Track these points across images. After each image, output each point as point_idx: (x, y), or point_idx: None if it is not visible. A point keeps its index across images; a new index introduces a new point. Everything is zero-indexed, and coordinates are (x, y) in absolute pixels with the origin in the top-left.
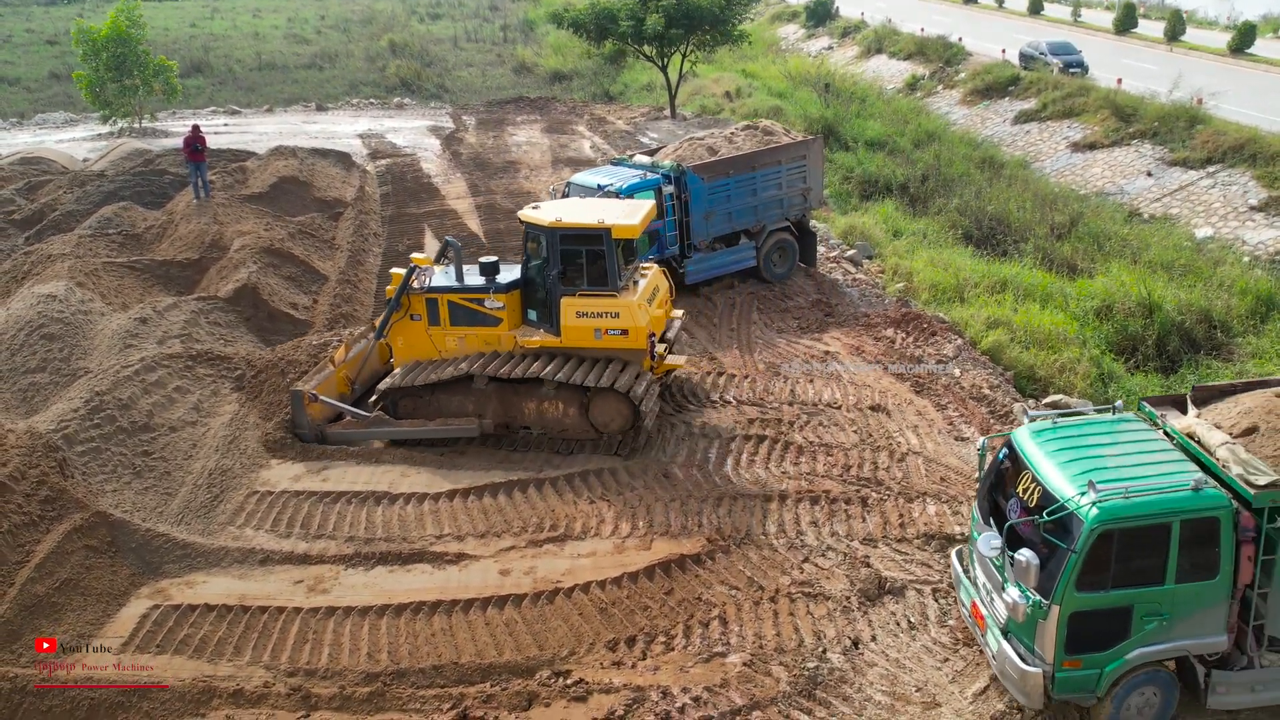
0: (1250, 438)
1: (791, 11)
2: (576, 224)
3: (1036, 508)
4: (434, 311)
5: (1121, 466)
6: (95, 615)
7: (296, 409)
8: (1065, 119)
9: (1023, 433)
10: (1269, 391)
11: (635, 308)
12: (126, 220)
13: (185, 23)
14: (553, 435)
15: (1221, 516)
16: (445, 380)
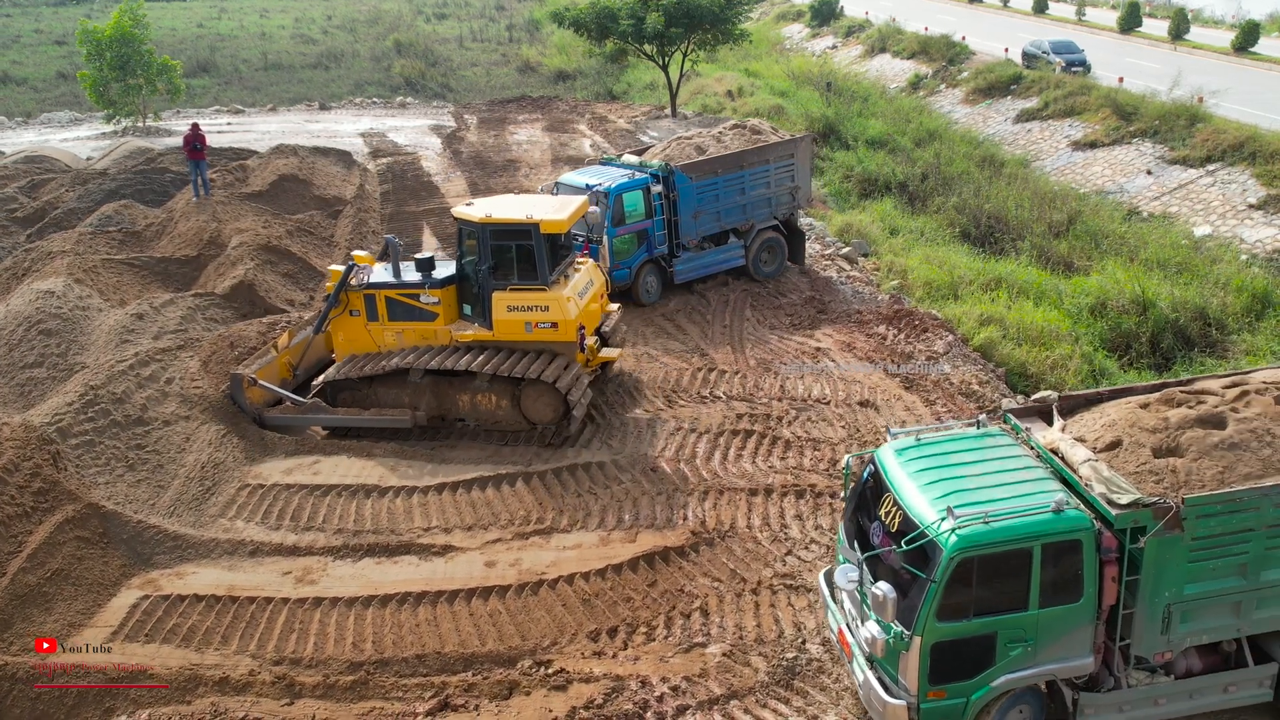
0: (1114, 452)
1: (796, 10)
2: (505, 219)
3: (898, 533)
4: (372, 307)
5: (983, 487)
6: (85, 605)
7: (236, 391)
8: (1066, 117)
9: (885, 451)
10: (1133, 402)
11: (564, 301)
12: (127, 218)
13: (193, 23)
14: (487, 427)
15: (1083, 538)
16: (382, 373)
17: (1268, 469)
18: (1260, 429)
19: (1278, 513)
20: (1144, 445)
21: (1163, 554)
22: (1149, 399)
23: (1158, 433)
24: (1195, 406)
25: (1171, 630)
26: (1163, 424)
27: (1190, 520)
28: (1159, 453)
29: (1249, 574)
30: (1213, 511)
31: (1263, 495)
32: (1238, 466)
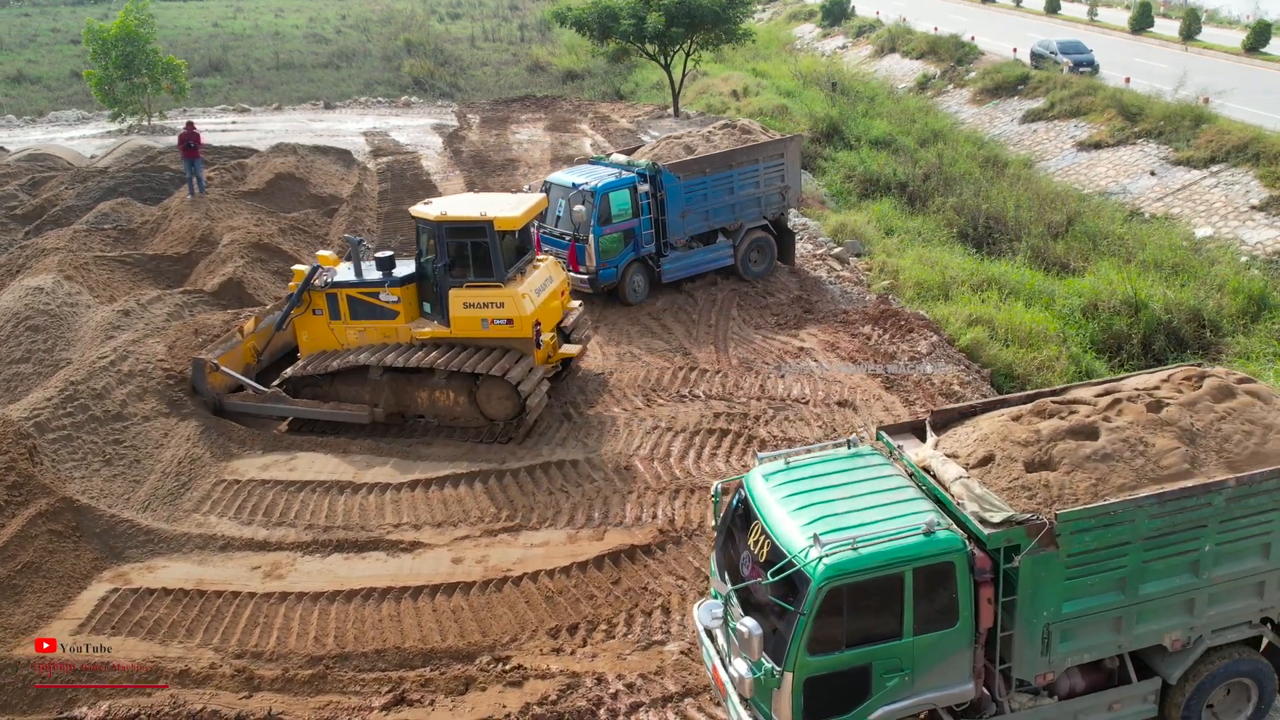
0: (986, 467)
1: (808, 10)
2: (460, 217)
3: (767, 562)
4: (334, 306)
5: (853, 511)
6: (55, 597)
7: (197, 376)
8: (1072, 118)
9: (754, 475)
10: (1005, 414)
11: (519, 298)
12: (124, 215)
13: (209, 22)
14: (446, 423)
15: (956, 561)
16: (343, 369)
17: (1141, 479)
18: (1132, 438)
19: (1153, 524)
20: (1016, 459)
21: (1038, 572)
22: (1021, 410)
23: (1030, 446)
24: (1067, 417)
25: (1052, 650)
26: (1034, 436)
27: (1064, 536)
28: (1031, 466)
29: (1128, 588)
30: (1087, 526)
31: (1137, 507)
32: (1111, 478)
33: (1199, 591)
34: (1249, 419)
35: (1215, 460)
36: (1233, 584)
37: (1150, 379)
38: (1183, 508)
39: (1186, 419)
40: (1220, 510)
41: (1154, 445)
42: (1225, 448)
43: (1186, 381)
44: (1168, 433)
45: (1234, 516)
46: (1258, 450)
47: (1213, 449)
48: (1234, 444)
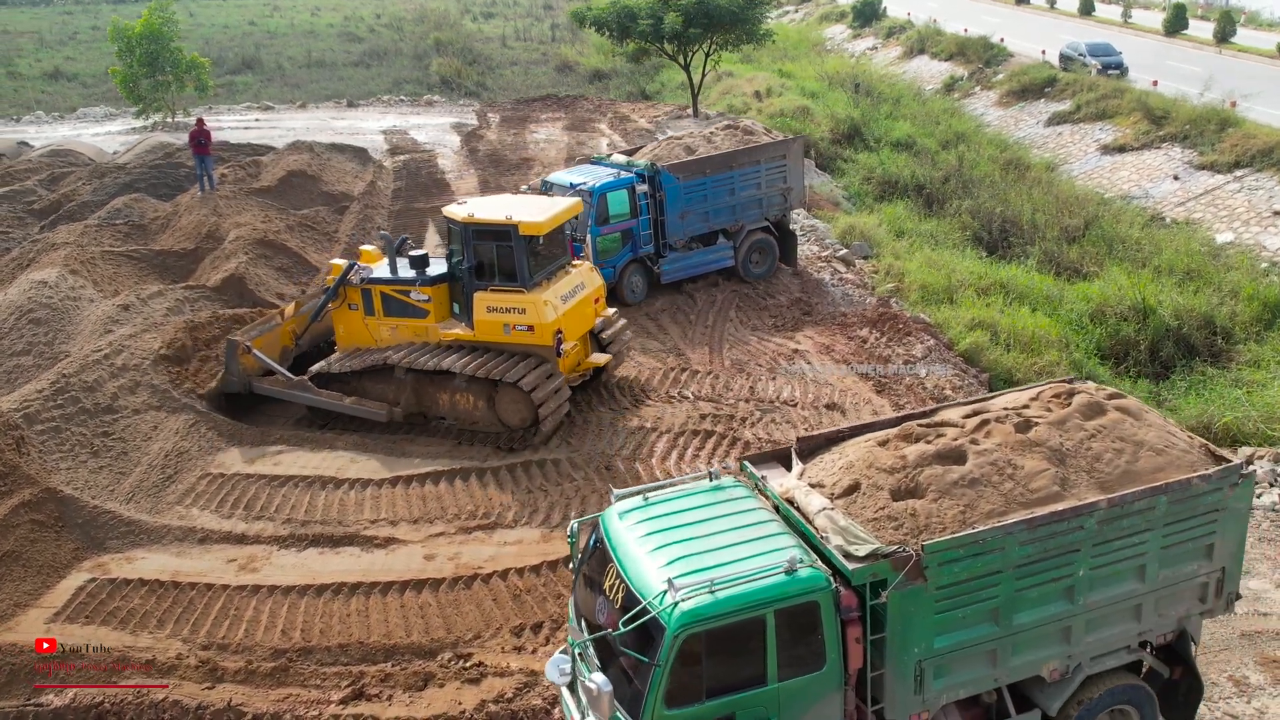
0: (852, 497)
1: (840, 11)
2: (486, 220)
3: (622, 608)
4: (369, 302)
5: (712, 550)
6: (34, 586)
7: (230, 357)
8: (1097, 121)
9: (610, 514)
10: (872, 439)
11: (542, 304)
12: (136, 211)
13: (245, 20)
14: (465, 427)
15: (820, 600)
16: (369, 367)
17: (1010, 504)
18: (1001, 461)
19: (1024, 551)
20: (882, 488)
21: (907, 607)
22: (888, 435)
23: (896, 473)
24: (934, 441)
25: (925, 688)
26: (901, 463)
27: (932, 568)
28: (898, 495)
29: (1001, 619)
30: (955, 556)
31: (1006, 534)
32: (979, 504)
33: (1075, 618)
34: (1119, 436)
35: (1086, 481)
36: (1109, 609)
37: (1020, 397)
38: (1054, 533)
39: (1056, 438)
40: (1093, 533)
41: (1023, 467)
42: (1096, 467)
43: (1056, 399)
44: (1037, 454)
45: (1107, 539)
46: (1129, 468)
47: (1083, 469)
48: (1105, 463)
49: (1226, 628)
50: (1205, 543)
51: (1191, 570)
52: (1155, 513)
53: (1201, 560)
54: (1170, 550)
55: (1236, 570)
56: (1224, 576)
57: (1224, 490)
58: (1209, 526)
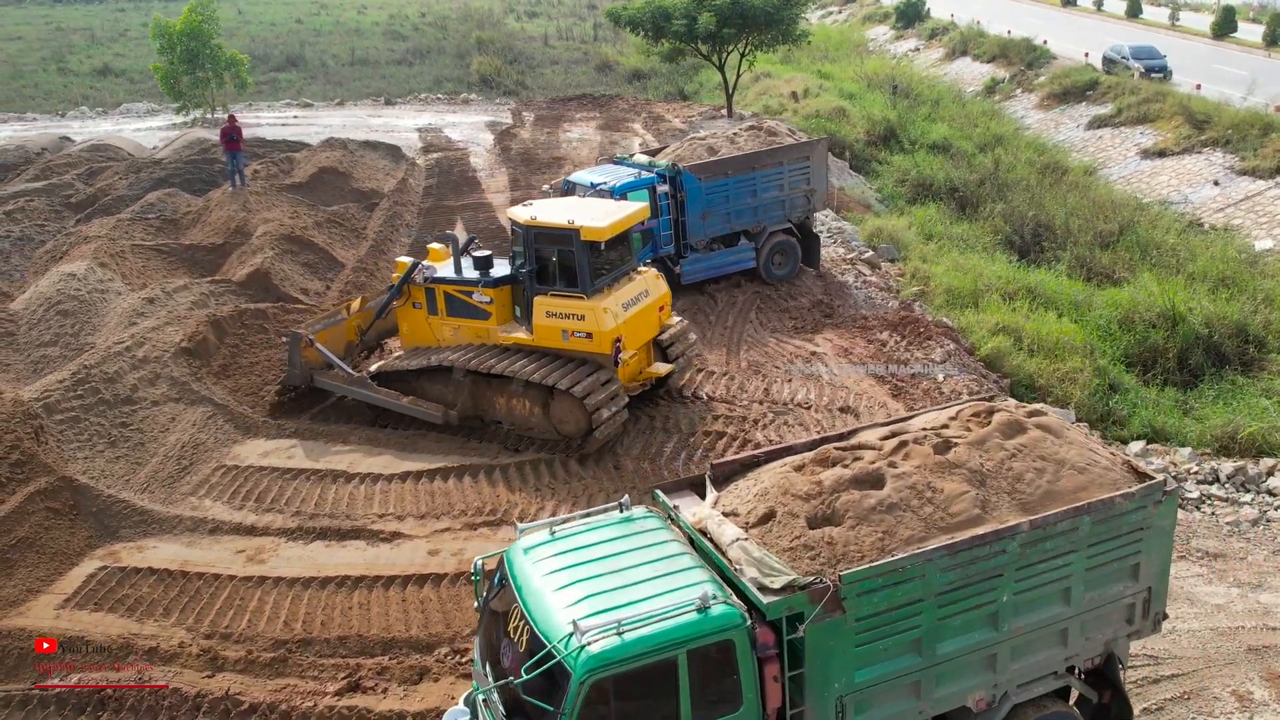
0: (767, 526)
1: (883, 12)
2: (548, 223)
3: (526, 653)
4: (432, 301)
5: (621, 588)
6: (46, 573)
7: (292, 349)
8: (1138, 125)
9: (515, 549)
10: (788, 464)
11: (601, 312)
12: (169, 206)
13: (292, 18)
14: (522, 433)
15: (735, 638)
16: (428, 367)
17: (930, 529)
18: (920, 484)
19: (946, 578)
20: (798, 515)
21: (826, 641)
22: (804, 459)
23: (812, 499)
24: (851, 464)
25: None
26: (817, 488)
27: (851, 599)
28: (814, 522)
29: (924, 649)
30: (874, 586)
31: (926, 561)
32: (898, 530)
33: (1000, 645)
34: (1040, 455)
35: (1007, 503)
36: (1035, 634)
37: (939, 416)
38: (976, 558)
39: (976, 459)
40: (1016, 557)
41: (943, 490)
42: (1017, 488)
43: (975, 418)
44: (956, 476)
45: (1031, 562)
46: (1050, 488)
47: (1004, 490)
48: (1026, 483)
49: (1233, 641)
50: (1131, 563)
51: (1118, 591)
52: (1079, 534)
53: (1127, 581)
54: (1095, 571)
55: (1163, 589)
56: (1150, 596)
57: (1148, 508)
58: (1134, 546)
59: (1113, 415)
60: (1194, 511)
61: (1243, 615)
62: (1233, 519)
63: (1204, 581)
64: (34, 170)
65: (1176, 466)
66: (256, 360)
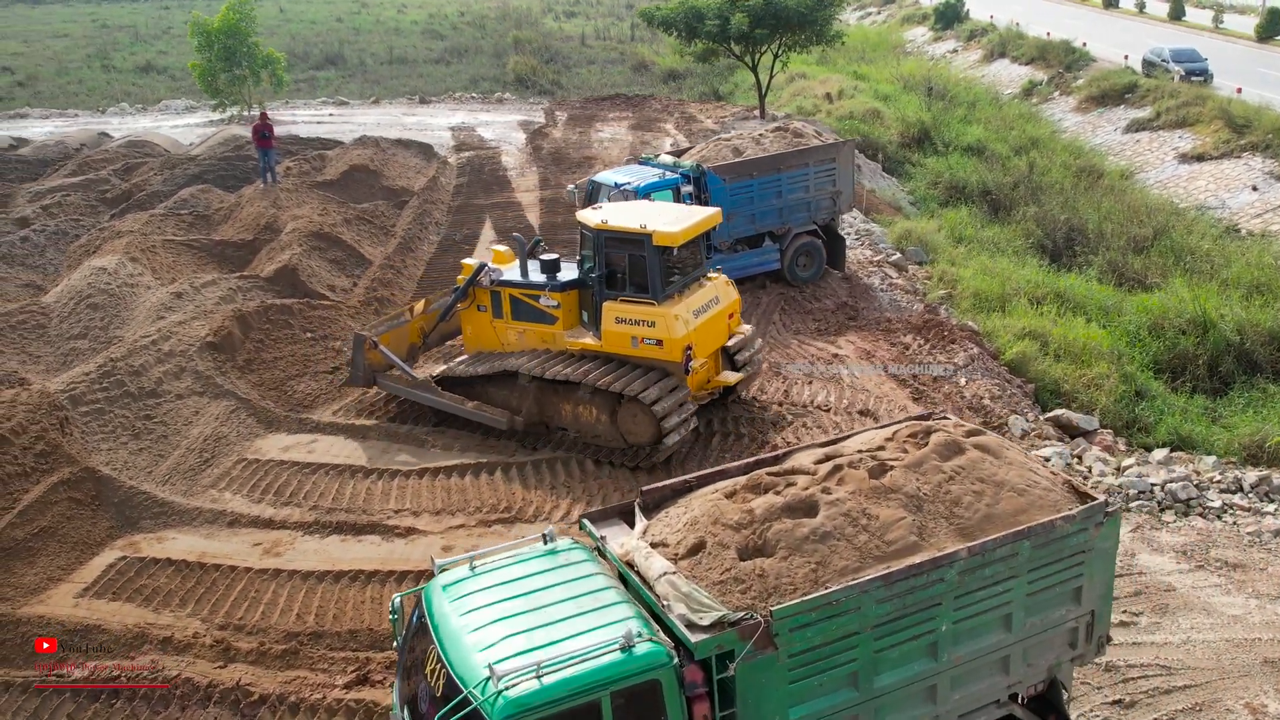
0: (697, 557)
1: (922, 13)
2: (620, 227)
3: (442, 698)
4: (497, 304)
5: (542, 626)
6: (67, 562)
7: (356, 351)
8: (1177, 129)
9: (433, 587)
10: (719, 490)
11: (672, 319)
12: (202, 202)
13: (333, 16)
14: (588, 440)
15: (661, 677)
16: (494, 371)
17: (865, 559)
18: (854, 510)
19: (882, 609)
20: (728, 546)
21: (758, 679)
22: (736, 485)
23: (743, 529)
24: (783, 491)
25: None
26: (748, 517)
27: (784, 634)
28: (745, 553)
29: (861, 683)
30: (808, 620)
31: (861, 592)
32: (832, 560)
33: (940, 676)
34: (979, 477)
35: (945, 528)
36: (976, 662)
37: (875, 437)
38: (913, 587)
39: (912, 483)
40: (954, 585)
41: (878, 517)
42: (955, 512)
43: (912, 439)
44: (892, 501)
45: (970, 590)
46: (989, 512)
47: (942, 515)
48: (964, 507)
49: (1249, 653)
50: (1073, 586)
51: (1060, 616)
52: (1019, 559)
53: (1070, 604)
54: (1037, 596)
55: (1106, 611)
56: (1094, 619)
57: (1089, 530)
58: (1076, 569)
59: (1138, 422)
60: (1215, 521)
61: (1260, 627)
62: (1254, 529)
63: (1222, 592)
64: (72, 165)
65: (1200, 475)
66: (280, 355)
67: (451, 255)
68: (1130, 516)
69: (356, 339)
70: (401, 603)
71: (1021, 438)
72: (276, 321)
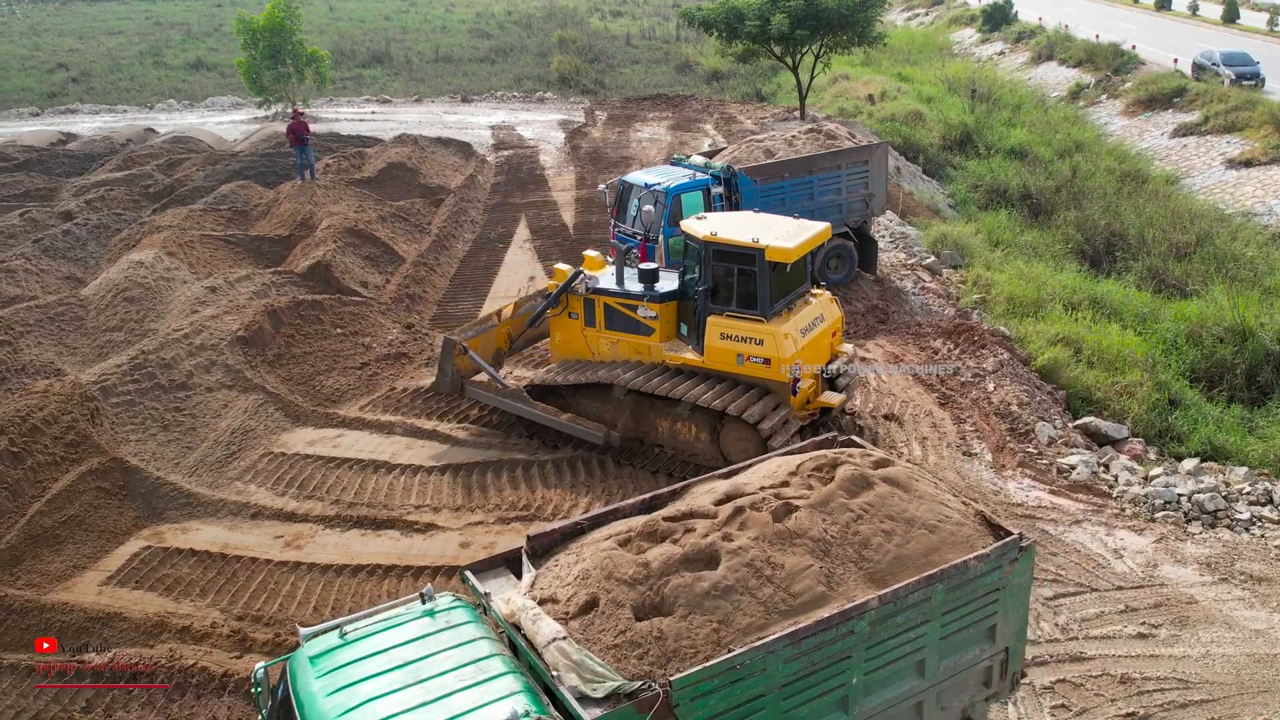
0: (589, 616)
1: (970, 15)
2: (730, 240)
3: None
4: (590, 313)
5: (419, 706)
6: (93, 550)
7: (445, 355)
8: (1225, 133)
9: (299, 658)
10: (613, 536)
11: (781, 337)
12: (241, 197)
13: (382, 15)
14: (685, 458)
15: None
16: (589, 383)
17: (771, 614)
18: (758, 560)
19: (789, 668)
20: (623, 604)
21: None
22: (631, 529)
23: (638, 584)
24: (681, 539)
25: None
26: (643, 571)
27: (684, 705)
28: (641, 612)
29: None
30: (710, 688)
31: (767, 653)
32: (735, 618)
33: None
34: (888, 515)
35: (855, 574)
36: (889, 712)
37: (779, 469)
38: (821, 643)
39: (819, 526)
40: (865, 636)
41: (783, 566)
42: (864, 555)
43: (817, 473)
44: (798, 547)
45: (882, 639)
46: (899, 553)
47: (850, 559)
48: (874, 549)
49: (1270, 669)
50: (987, 625)
51: (974, 656)
52: (932, 603)
53: (984, 643)
54: (950, 639)
55: (1020, 648)
56: (1008, 656)
57: (1003, 567)
58: (990, 607)
59: (1171, 431)
60: (1242, 533)
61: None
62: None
63: (1245, 606)
64: (116, 160)
65: (1229, 486)
66: (310, 350)
67: (485, 253)
68: (1154, 527)
69: (446, 343)
70: (265, 674)
71: (1049, 444)
72: (307, 317)
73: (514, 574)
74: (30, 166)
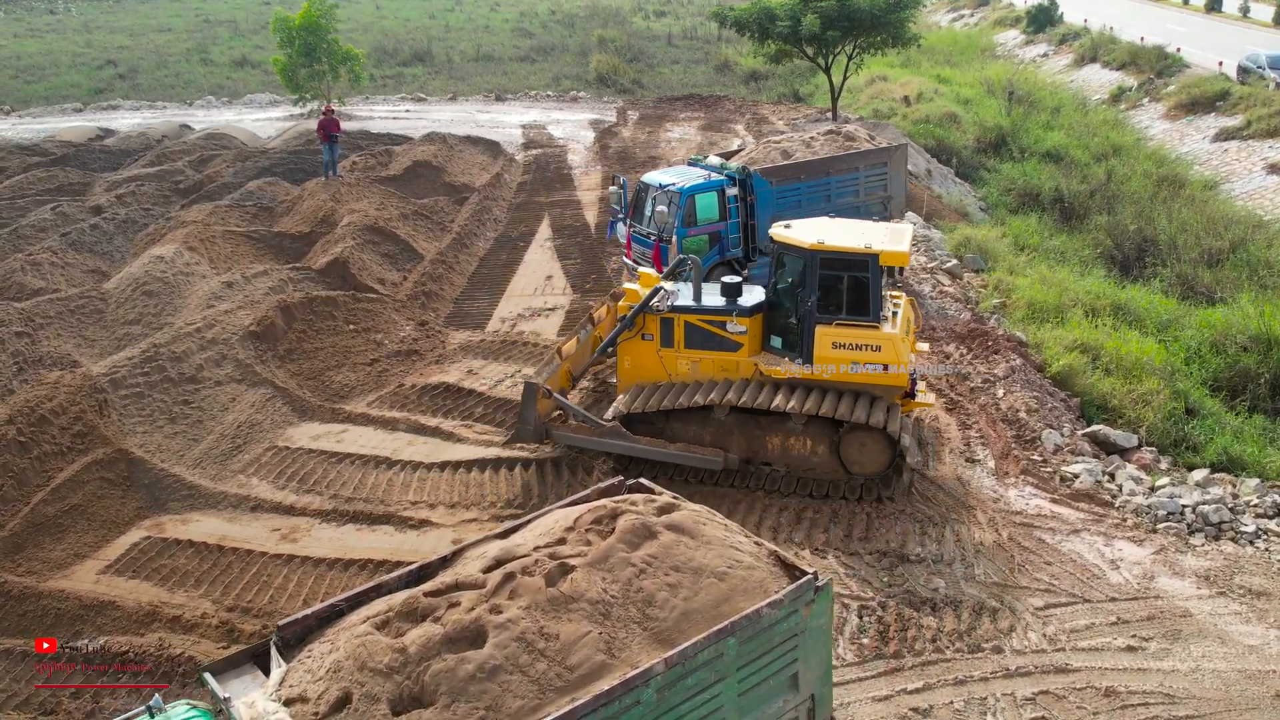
0: (341, 715)
1: (1015, 16)
2: (840, 248)
3: None
4: (668, 333)
5: None
6: (94, 539)
7: (527, 403)
8: (1268, 138)
9: None
10: (369, 619)
11: (898, 342)
12: (268, 194)
13: (427, 14)
14: (798, 474)
15: None
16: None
17: (545, 692)
18: (529, 632)
19: None
20: (379, 698)
21: None
22: (390, 608)
23: (395, 673)
24: (444, 616)
25: None
26: (400, 657)
27: None
28: (399, 705)
29: None
30: None
31: None
32: (505, 701)
33: None
34: (674, 566)
35: (639, 636)
36: None
37: (556, 525)
38: (604, 718)
39: (597, 586)
40: (654, 704)
41: (558, 637)
42: (649, 614)
43: (596, 526)
44: (575, 613)
45: (673, 705)
46: (687, 608)
47: (634, 620)
48: (659, 606)
49: (1261, 686)
50: (788, 674)
51: (778, 709)
52: (725, 659)
53: (787, 693)
54: (750, 694)
55: (827, 693)
56: (814, 704)
57: (799, 610)
58: (790, 655)
59: (1187, 440)
60: (1246, 546)
61: (1277, 659)
62: None
63: (1241, 620)
64: (150, 156)
65: (1237, 498)
66: (321, 346)
67: (505, 251)
68: (1155, 538)
69: (528, 388)
70: None
71: (1055, 452)
72: (320, 313)
73: (263, 670)
74: (66, 162)
